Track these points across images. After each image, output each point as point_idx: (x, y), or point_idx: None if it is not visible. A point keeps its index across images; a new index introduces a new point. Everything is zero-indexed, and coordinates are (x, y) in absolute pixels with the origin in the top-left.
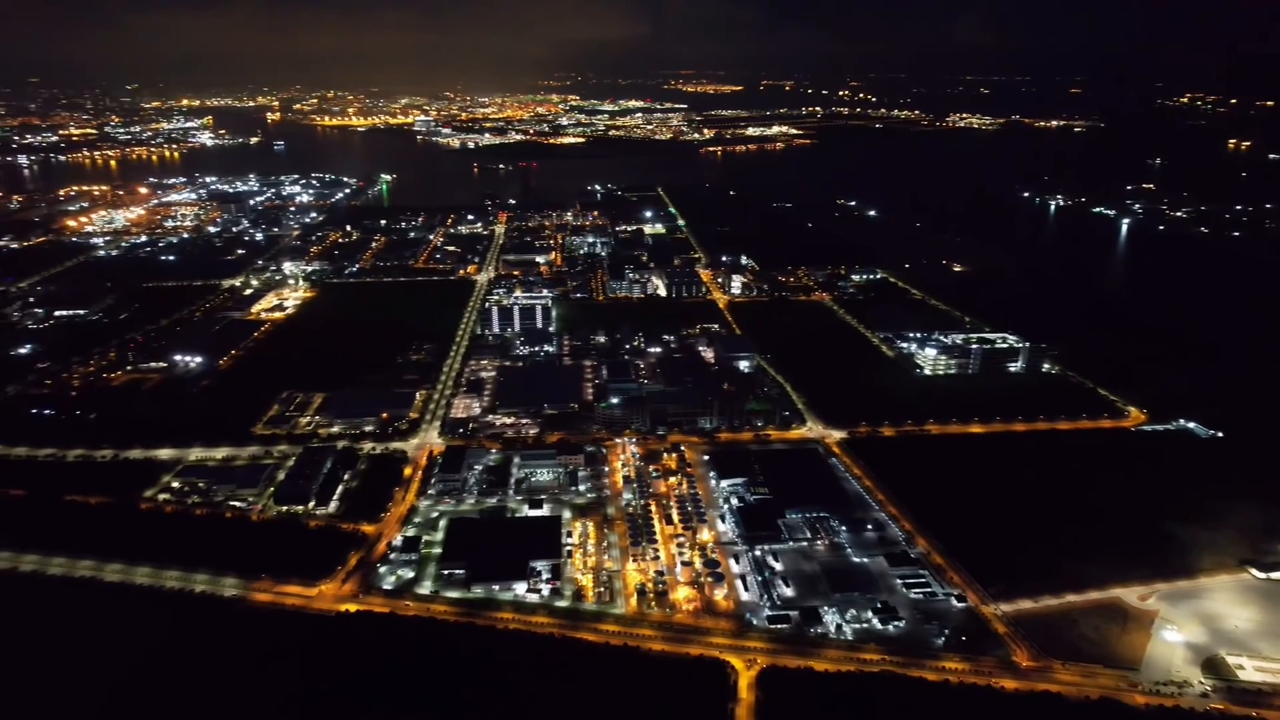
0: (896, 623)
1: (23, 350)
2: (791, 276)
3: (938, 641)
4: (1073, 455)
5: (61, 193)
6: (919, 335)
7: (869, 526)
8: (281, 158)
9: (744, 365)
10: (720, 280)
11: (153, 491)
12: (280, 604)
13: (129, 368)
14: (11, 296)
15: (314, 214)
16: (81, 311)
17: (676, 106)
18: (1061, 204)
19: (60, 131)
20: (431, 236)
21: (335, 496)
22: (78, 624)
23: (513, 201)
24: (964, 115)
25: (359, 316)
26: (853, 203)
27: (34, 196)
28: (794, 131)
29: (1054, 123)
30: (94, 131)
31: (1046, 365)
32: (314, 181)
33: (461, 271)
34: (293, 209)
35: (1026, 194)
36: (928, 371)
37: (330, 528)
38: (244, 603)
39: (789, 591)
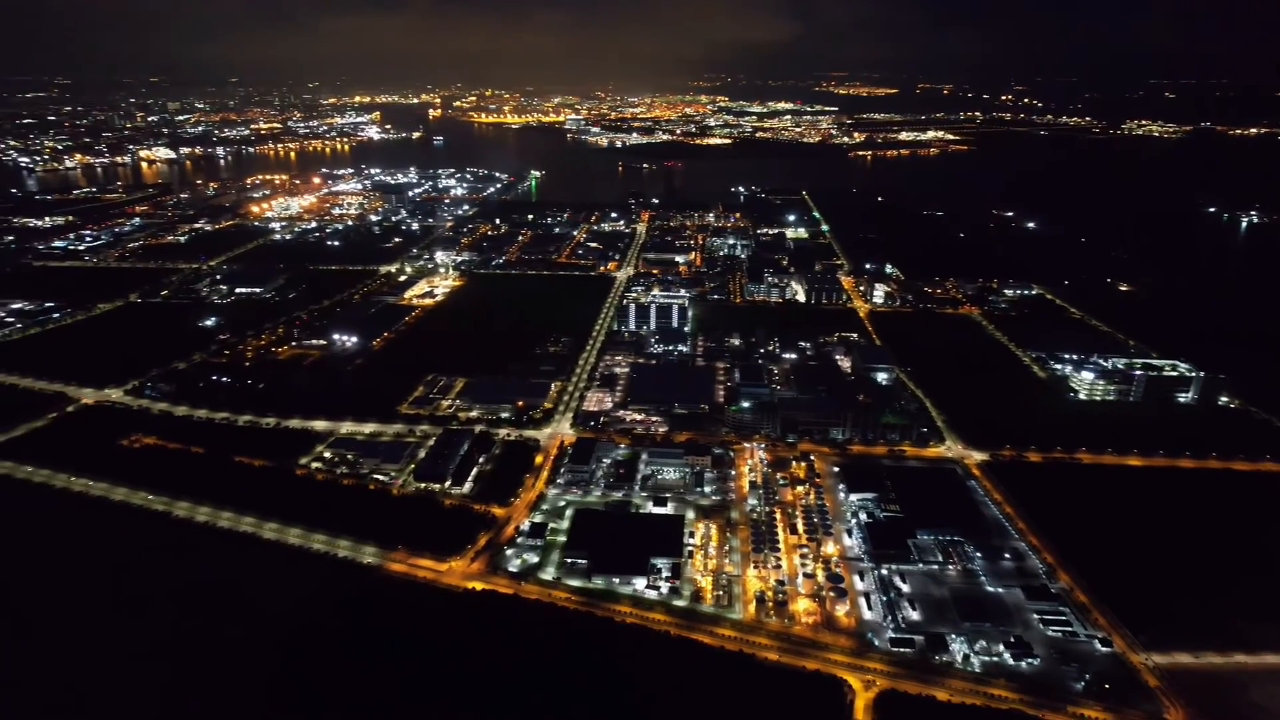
0: (1031, 660)
1: (208, 322)
2: (939, 288)
3: (1076, 685)
4: (1252, 500)
5: (248, 181)
6: (1076, 357)
7: (1006, 555)
8: (440, 152)
9: (882, 377)
10: (862, 288)
11: (307, 459)
12: (413, 575)
13: (294, 343)
14: (203, 274)
15: (467, 207)
16: (258, 290)
17: (827, 109)
18: (1255, 220)
19: (251, 126)
20: (575, 232)
21: (470, 478)
22: (241, 573)
23: (656, 201)
24: (1143, 122)
25: (502, 307)
26: (1010, 213)
27: (226, 184)
28: (950, 137)
29: (1253, 130)
30: (279, 126)
31: (1224, 399)
32: (468, 176)
33: (602, 268)
34: (447, 201)
35: (1213, 209)
36: (1083, 396)
37: (463, 507)
38: (381, 571)
39: (915, 615)
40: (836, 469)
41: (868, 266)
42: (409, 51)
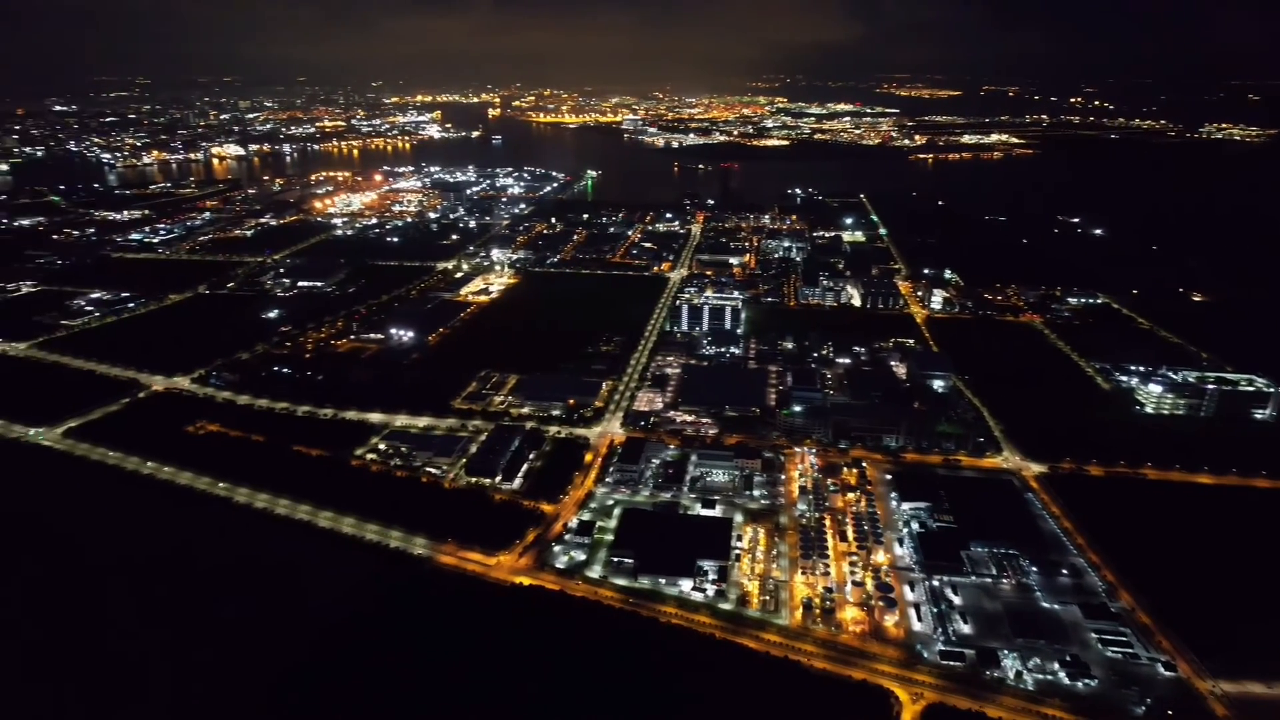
0: (1087, 680)
1: (271, 314)
2: (999, 295)
3: (1136, 710)
4: None
5: (312, 178)
6: (1143, 369)
7: (1064, 571)
8: (498, 151)
9: (938, 384)
10: (920, 294)
11: (362, 451)
12: (461, 568)
13: (352, 337)
14: (267, 267)
15: (523, 205)
16: (319, 284)
17: (887, 111)
18: None
19: (317, 124)
20: (630, 233)
21: (520, 474)
22: (296, 559)
23: (711, 202)
24: (1223, 125)
25: (556, 305)
26: (1076, 219)
27: (292, 181)
28: (1014, 140)
29: None
30: (343, 124)
31: None
32: (525, 175)
33: (656, 268)
34: (504, 200)
35: None
36: (1150, 410)
37: (513, 503)
38: (431, 562)
39: (966, 628)
40: (889, 477)
41: (926, 272)
42: (470, 52)
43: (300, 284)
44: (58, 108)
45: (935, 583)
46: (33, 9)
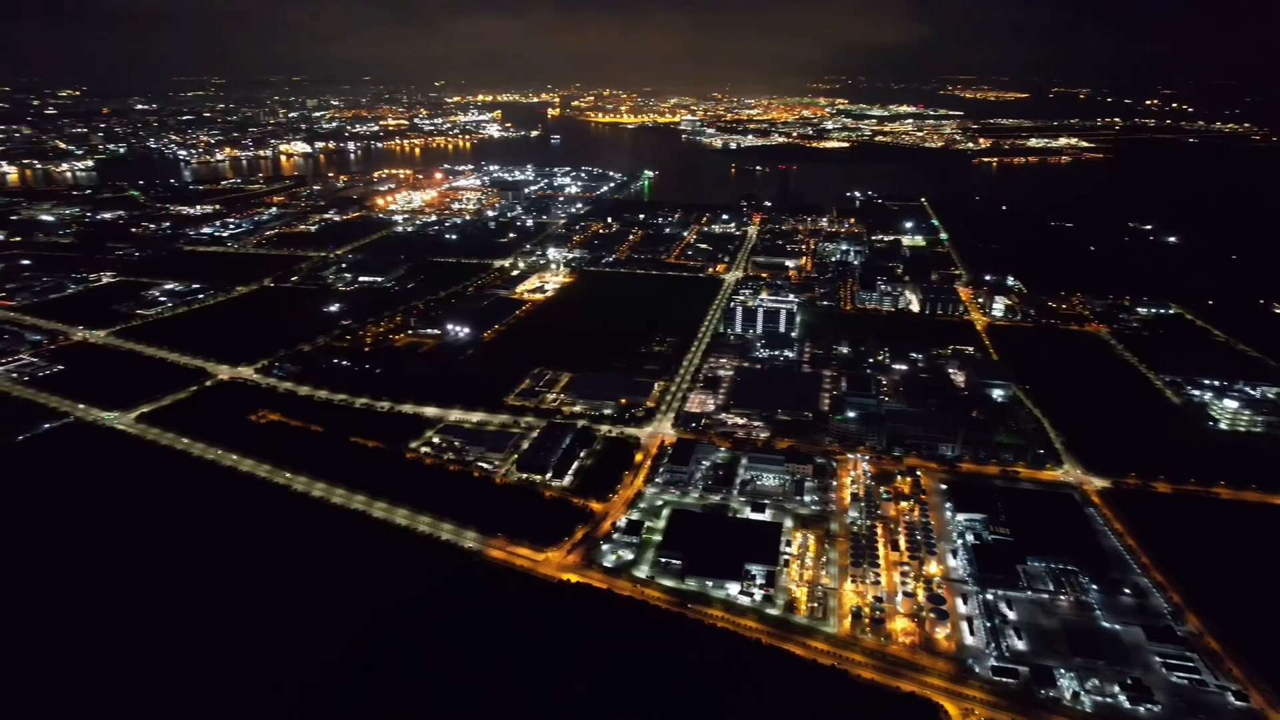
0: (1150, 705)
1: (332, 308)
2: (1064, 303)
3: None
4: None
5: (375, 175)
6: (1218, 383)
7: (1126, 591)
8: (556, 150)
9: (997, 394)
10: (980, 300)
11: (417, 444)
12: (510, 563)
13: (410, 331)
14: (330, 262)
15: (580, 205)
16: (379, 279)
17: (951, 113)
18: None
19: (380, 122)
20: (685, 233)
21: (570, 471)
22: (349, 548)
23: (768, 204)
24: None
25: (610, 304)
26: (1148, 226)
27: (355, 178)
28: (1084, 144)
29: None
30: (405, 122)
31: None
32: (583, 174)
33: (711, 269)
34: (561, 199)
35: None
36: (1224, 426)
37: (562, 500)
38: (480, 556)
39: (1020, 644)
40: (944, 486)
41: (987, 278)
42: (531, 52)
43: (361, 279)
44: (139, 107)
45: (989, 596)
46: (120, 15)
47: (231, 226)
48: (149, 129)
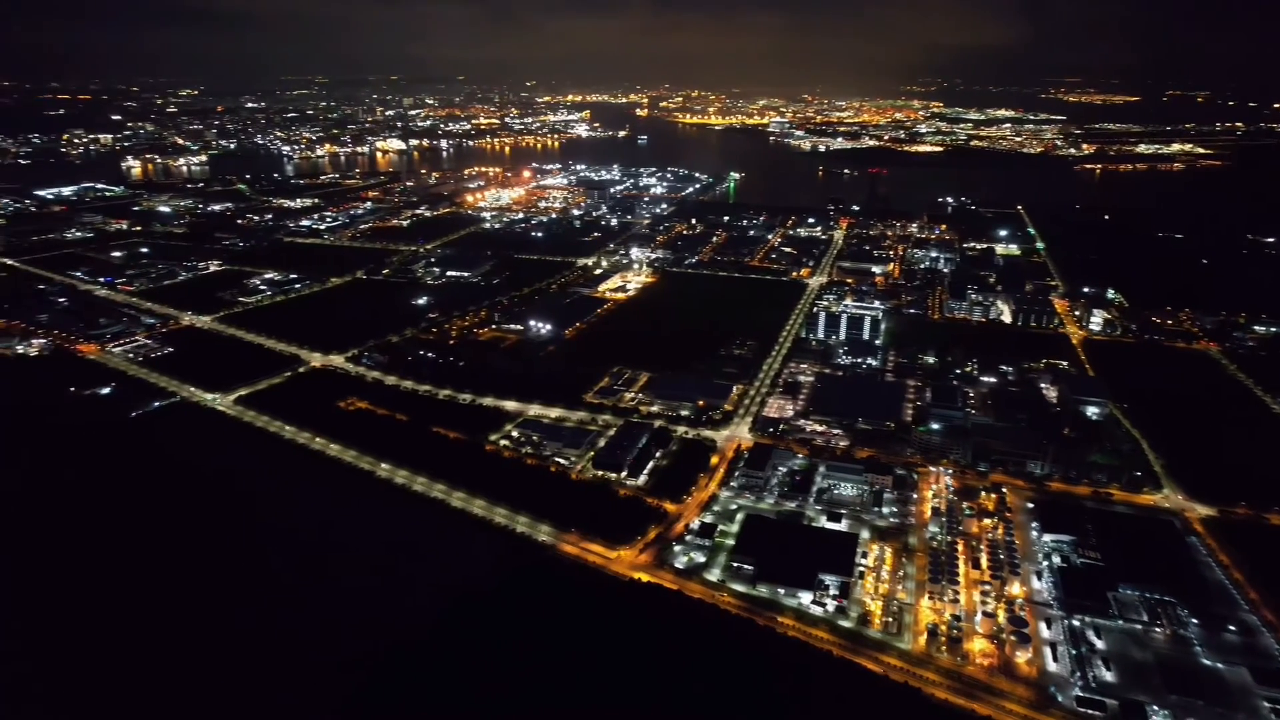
0: None
1: (420, 301)
2: (1169, 319)
3: None
4: None
5: (466, 173)
6: None
7: (1231, 628)
8: (643, 151)
9: (1093, 411)
10: (1078, 313)
11: (496, 436)
12: (582, 559)
13: (494, 326)
14: (419, 256)
15: (664, 205)
16: (466, 274)
17: (1053, 118)
18: None
19: (473, 121)
20: (770, 236)
21: (646, 471)
22: (429, 535)
23: (856, 208)
24: None
25: (691, 306)
26: (1270, 239)
27: (446, 175)
28: (1199, 150)
29: None
30: (496, 121)
31: None
32: (669, 175)
33: (795, 273)
34: (646, 199)
35: None
36: None
37: (636, 499)
38: (553, 550)
39: (1109, 676)
40: (1030, 505)
41: (1086, 290)
42: (622, 53)
43: (449, 273)
44: (250, 105)
45: (1075, 622)
46: (237, 18)
47: (328, 220)
48: (257, 126)
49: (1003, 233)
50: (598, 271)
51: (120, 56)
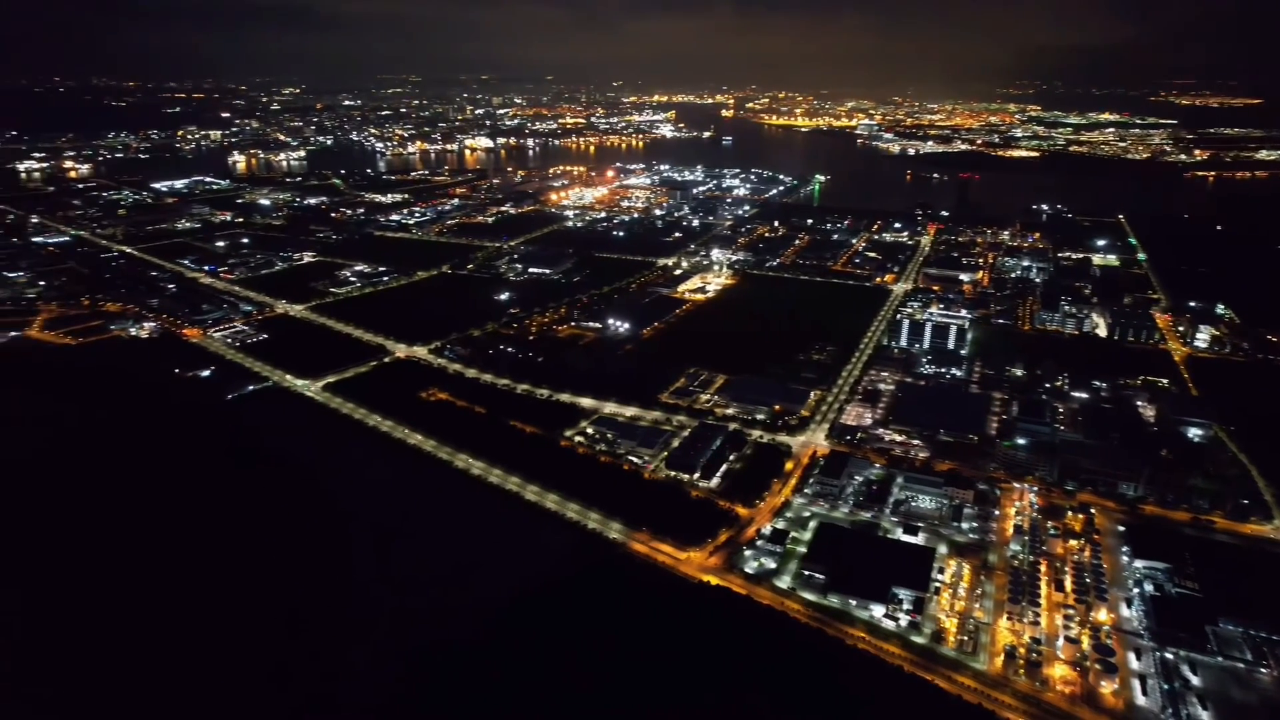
0: None
1: (502, 296)
2: None
3: None
4: None
5: (551, 171)
6: None
7: None
8: (727, 152)
9: (1194, 433)
10: (1181, 329)
11: (571, 432)
12: (652, 558)
13: (572, 323)
14: (503, 253)
15: (747, 207)
16: (547, 271)
17: (1162, 122)
18: None
19: (559, 120)
20: (854, 240)
21: (719, 473)
22: (503, 526)
23: (945, 213)
24: None
25: (771, 309)
26: None
27: (532, 173)
28: None
29: None
30: (583, 121)
31: None
32: (752, 176)
33: (878, 279)
34: (729, 201)
35: None
36: None
37: (708, 501)
38: (623, 548)
39: (1204, 715)
40: (1121, 528)
41: (1192, 304)
42: (708, 54)
43: (530, 270)
44: (346, 102)
45: (1169, 655)
46: (339, 19)
47: (417, 215)
48: (353, 123)
49: (1101, 242)
50: (677, 272)
51: (231, 57)
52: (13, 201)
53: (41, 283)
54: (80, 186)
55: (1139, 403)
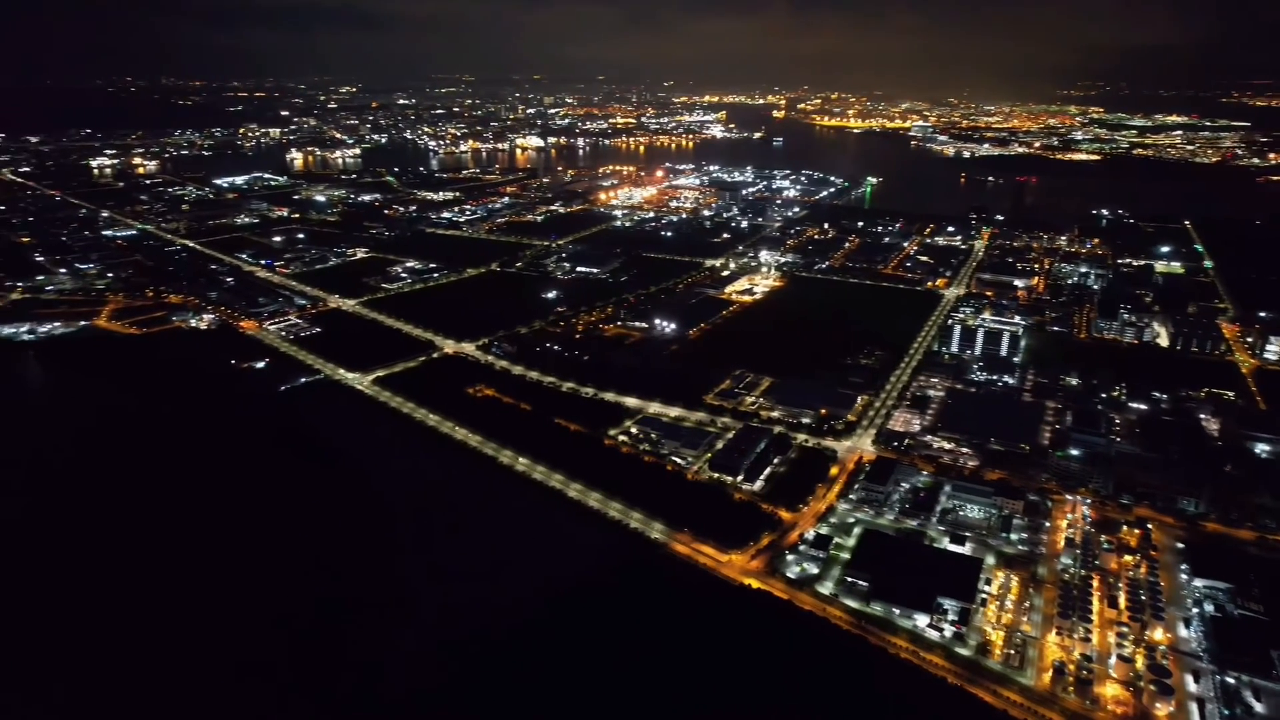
0: None
1: (550, 295)
2: None
3: None
4: None
5: (600, 170)
6: None
7: None
8: (778, 153)
9: (1262, 448)
10: (1249, 340)
11: (615, 431)
12: (693, 559)
13: (619, 323)
14: (551, 251)
15: (797, 209)
16: (595, 270)
17: (1235, 124)
18: None
19: (610, 120)
20: (906, 244)
21: (762, 477)
22: (545, 523)
23: (1000, 217)
24: None
25: (819, 312)
26: None
27: (581, 172)
28: None
29: None
30: (633, 121)
31: None
32: (802, 178)
33: (930, 283)
34: (778, 202)
35: None
36: None
37: (751, 504)
38: (665, 548)
39: None
40: (1180, 546)
41: (1262, 314)
42: (762, 54)
43: (578, 269)
44: (401, 101)
45: (1230, 679)
46: (395, 19)
47: (468, 213)
48: (407, 121)
49: (1164, 249)
50: (725, 273)
51: (292, 57)
52: (86, 196)
53: (110, 274)
54: (148, 182)
55: (1202, 416)
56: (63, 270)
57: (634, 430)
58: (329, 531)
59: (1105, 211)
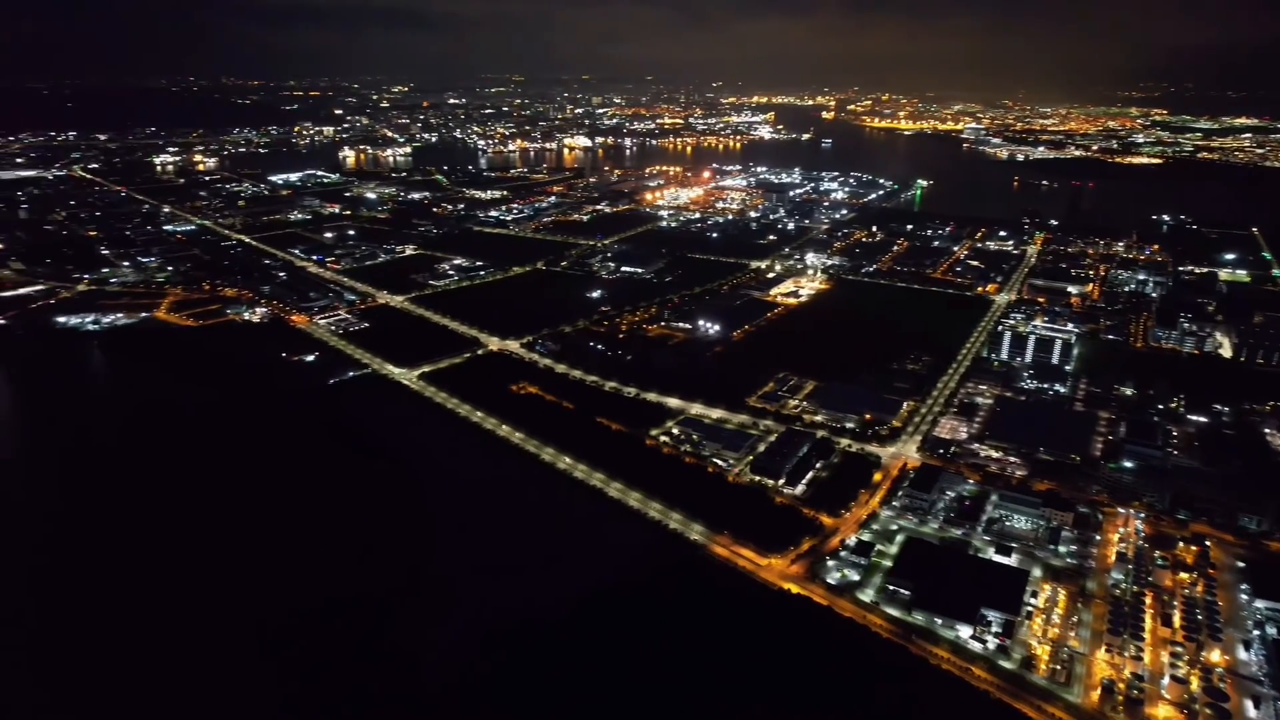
0: None
1: (594, 294)
2: None
3: None
4: None
5: (647, 171)
6: None
7: None
8: (826, 154)
9: None
10: None
11: (657, 432)
12: (732, 563)
13: (662, 323)
14: (596, 251)
15: (845, 211)
16: (639, 270)
17: None
18: None
19: (657, 120)
20: (956, 248)
21: (804, 481)
22: (586, 521)
23: (1054, 222)
24: None
25: (865, 316)
26: None
27: (628, 172)
28: None
29: None
30: (680, 121)
31: None
32: (851, 180)
33: (980, 289)
34: (826, 204)
35: None
36: None
37: (792, 508)
38: (704, 550)
39: None
40: (1241, 564)
41: None
42: (810, 54)
43: (623, 269)
44: (451, 101)
45: None
46: (446, 19)
47: (515, 211)
48: (457, 121)
49: (1229, 256)
50: (770, 275)
51: (346, 57)
52: (149, 192)
53: (170, 268)
54: (207, 179)
55: (1267, 430)
56: (126, 264)
57: (675, 431)
58: (372, 523)
59: (1166, 217)
